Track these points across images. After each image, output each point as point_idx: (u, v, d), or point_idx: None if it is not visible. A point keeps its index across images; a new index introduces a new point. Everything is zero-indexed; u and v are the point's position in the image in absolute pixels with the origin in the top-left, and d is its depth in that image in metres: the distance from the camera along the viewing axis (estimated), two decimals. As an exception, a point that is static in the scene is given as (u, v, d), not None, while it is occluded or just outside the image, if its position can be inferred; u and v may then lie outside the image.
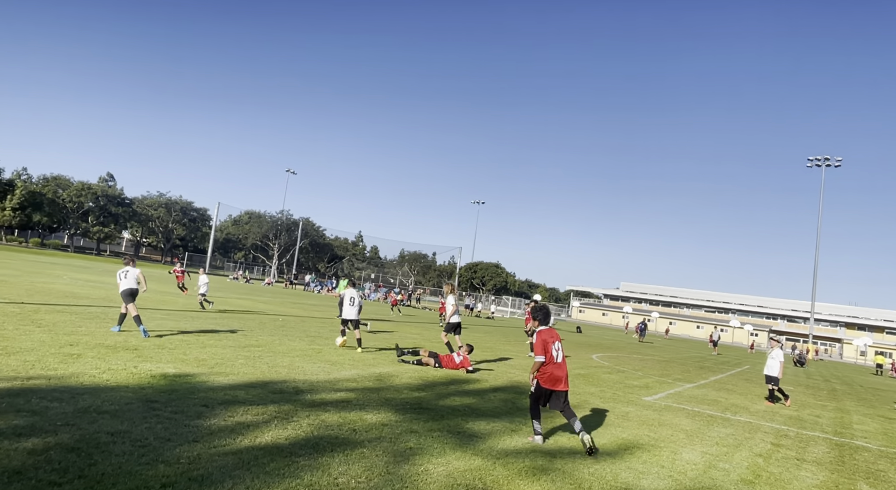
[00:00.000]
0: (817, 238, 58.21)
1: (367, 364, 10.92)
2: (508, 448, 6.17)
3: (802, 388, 20.52)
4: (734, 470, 6.69)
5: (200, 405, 6.13)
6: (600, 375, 14.81)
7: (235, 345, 11.05)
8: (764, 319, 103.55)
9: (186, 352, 9.44)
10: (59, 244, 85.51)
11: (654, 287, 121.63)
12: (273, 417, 6.05)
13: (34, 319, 10.84)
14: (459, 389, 9.62)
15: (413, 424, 6.59)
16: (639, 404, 10.68)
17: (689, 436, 8.32)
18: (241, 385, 7.45)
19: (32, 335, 9.10)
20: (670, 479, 5.92)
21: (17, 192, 73.81)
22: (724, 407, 12.10)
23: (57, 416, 5.11)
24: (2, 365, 6.79)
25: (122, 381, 6.74)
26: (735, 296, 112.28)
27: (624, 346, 33.56)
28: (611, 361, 20.21)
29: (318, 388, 7.98)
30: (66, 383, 6.32)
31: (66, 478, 3.83)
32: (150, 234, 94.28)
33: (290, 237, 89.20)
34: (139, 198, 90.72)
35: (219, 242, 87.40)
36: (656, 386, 14.30)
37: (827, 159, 59.12)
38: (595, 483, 5.37)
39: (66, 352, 8.09)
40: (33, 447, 4.29)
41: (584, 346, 27.05)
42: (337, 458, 5.02)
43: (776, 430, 10.08)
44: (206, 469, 4.32)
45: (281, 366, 9.34)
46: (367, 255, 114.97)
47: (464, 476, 5.02)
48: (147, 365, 7.90)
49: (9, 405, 5.23)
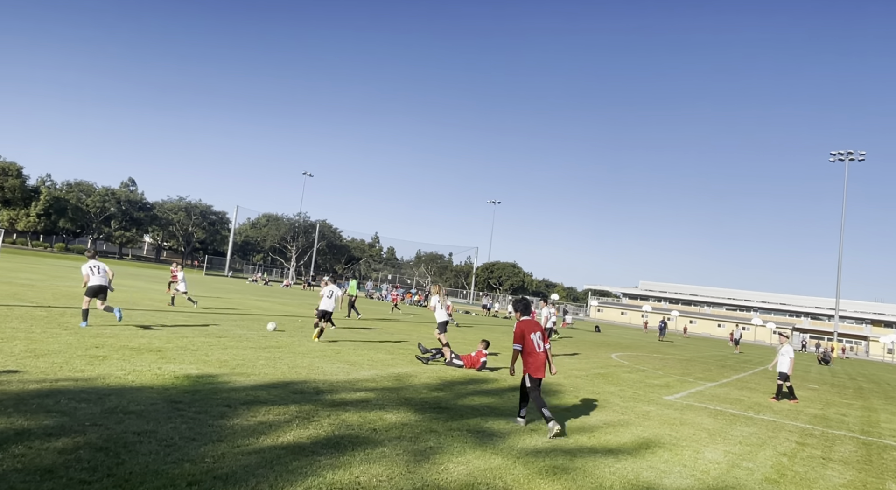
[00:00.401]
0: (841, 233, 57.13)
1: (385, 364, 10.98)
2: (528, 447, 6.16)
3: (828, 386, 20.14)
4: (758, 469, 6.60)
5: (223, 405, 6.22)
6: (620, 374, 14.71)
7: (256, 346, 11.19)
8: (787, 317, 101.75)
9: (208, 353, 9.58)
10: (82, 249, 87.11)
11: (674, 285, 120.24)
12: (294, 417, 6.12)
13: (61, 322, 11.08)
14: (478, 389, 9.63)
15: (433, 424, 6.62)
16: (660, 403, 10.59)
17: (712, 435, 8.23)
18: (262, 385, 7.54)
19: (59, 338, 9.30)
20: (693, 477, 5.86)
21: (41, 199, 75.50)
22: (747, 406, 11.94)
23: (85, 416, 5.23)
24: (31, 367, 6.96)
25: (146, 383, 6.87)
26: (757, 293, 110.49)
27: (644, 344, 33.26)
28: (630, 360, 20.05)
29: (337, 388, 8.05)
30: (93, 384, 6.45)
31: (95, 476, 3.92)
32: (171, 238, 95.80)
33: (307, 239, 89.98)
34: (160, 202, 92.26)
35: (238, 245, 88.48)
36: (677, 385, 14.15)
37: (850, 153, 57.97)
38: (616, 482, 5.34)
39: (93, 354, 8.26)
40: (63, 446, 4.40)
41: (602, 346, 26.86)
42: (358, 456, 5.07)
43: (801, 428, 9.93)
44: (230, 468, 4.39)
45: (301, 366, 9.43)
46: (384, 257, 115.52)
47: (484, 475, 5.02)
48: (171, 366, 8.04)
49: (39, 406, 5.36)
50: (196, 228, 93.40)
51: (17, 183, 73.89)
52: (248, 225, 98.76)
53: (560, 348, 21.53)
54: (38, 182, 79.98)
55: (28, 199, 75.31)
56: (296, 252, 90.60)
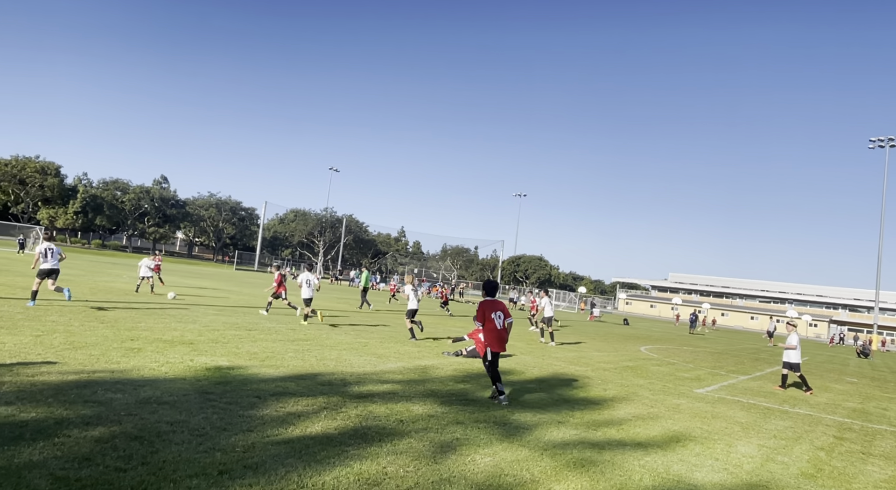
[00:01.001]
0: (881, 222, 55.10)
1: (412, 357, 11.02)
2: (555, 439, 6.12)
3: (867, 380, 19.51)
4: (794, 463, 6.43)
5: (253, 396, 6.32)
6: (649, 367, 14.50)
7: (285, 339, 11.35)
8: (824, 309, 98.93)
9: (239, 346, 9.75)
10: (118, 245, 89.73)
11: (705, 277, 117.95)
12: (322, 408, 6.18)
13: (97, 316, 11.41)
14: (504, 381, 9.58)
15: (459, 415, 6.62)
16: (690, 396, 10.40)
17: (745, 428, 8.04)
18: (291, 377, 7.65)
19: (96, 331, 9.58)
20: (725, 471, 5.74)
21: (79, 197, 77.83)
22: (782, 399, 11.65)
23: (120, 406, 5.38)
24: (70, 358, 7.18)
25: (179, 374, 7.02)
26: (792, 285, 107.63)
27: (673, 337, 32.72)
28: (660, 353, 19.74)
29: (364, 380, 8.12)
30: (128, 376, 6.63)
31: (130, 464, 4.02)
32: (202, 234, 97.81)
33: (334, 234, 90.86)
34: (191, 199, 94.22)
35: (266, 240, 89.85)
36: (708, 378, 13.89)
37: (891, 139, 55.80)
38: (646, 475, 5.26)
39: (128, 346, 8.49)
40: (100, 435, 4.53)
41: (631, 339, 26.52)
42: (385, 447, 5.09)
43: (839, 422, 9.64)
44: (260, 457, 4.46)
45: (329, 359, 9.54)
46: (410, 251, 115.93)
47: (511, 467, 5.00)
48: (202, 358, 8.21)
49: (77, 396, 5.53)
50: (226, 224, 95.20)
51: (55, 182, 76.34)
52: (277, 220, 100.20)
53: (588, 340, 21.33)
54: (75, 180, 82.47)
55: (66, 197, 77.74)
56: (323, 247, 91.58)
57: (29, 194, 75.26)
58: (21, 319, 9.83)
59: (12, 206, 75.42)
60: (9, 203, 75.24)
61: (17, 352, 7.22)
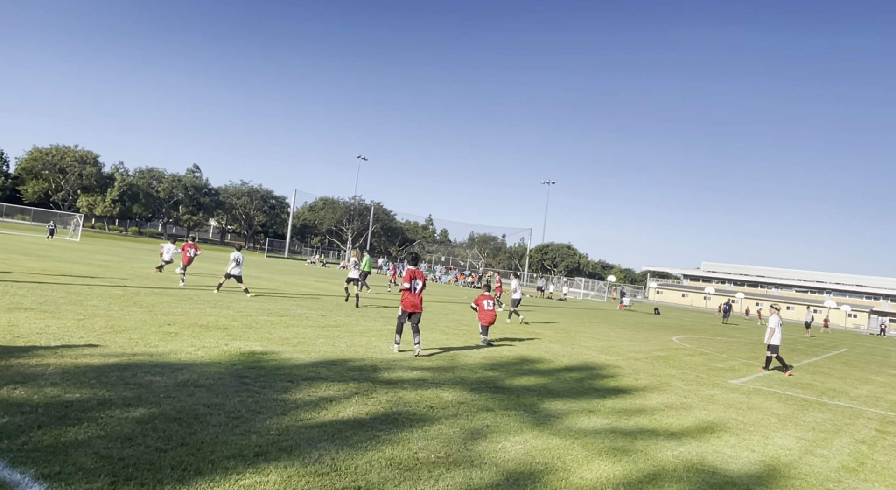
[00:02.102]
0: (927, 210, 52.79)
1: (440, 344, 11.06)
2: (587, 428, 6.07)
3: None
4: (834, 456, 6.26)
5: (286, 381, 6.43)
6: (681, 357, 14.27)
7: (316, 325, 11.51)
8: (864, 299, 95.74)
9: (271, 331, 9.93)
10: (153, 232, 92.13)
11: (739, 266, 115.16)
12: (353, 393, 6.25)
13: (136, 301, 11.75)
14: (532, 369, 9.56)
15: (488, 402, 6.62)
16: (724, 387, 10.20)
17: (782, 420, 7.86)
18: (322, 362, 7.75)
19: (135, 315, 9.87)
20: (762, 463, 5.62)
21: (116, 185, 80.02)
22: (821, 391, 11.34)
23: (160, 388, 5.53)
24: (110, 342, 7.41)
25: (214, 358, 7.19)
26: (830, 275, 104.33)
27: (706, 327, 32.13)
28: (692, 343, 19.41)
29: (394, 366, 8.18)
30: (166, 359, 6.81)
31: (170, 445, 4.14)
32: (234, 222, 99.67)
33: (362, 222, 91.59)
34: (223, 187, 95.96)
35: (296, 228, 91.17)
36: (743, 369, 13.60)
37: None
38: (679, 465, 5.19)
39: (165, 330, 8.72)
40: (141, 416, 4.66)
41: (662, 328, 26.13)
42: (416, 433, 5.13)
43: (881, 416, 9.34)
44: (294, 440, 4.53)
45: (359, 345, 9.64)
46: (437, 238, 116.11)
47: (542, 455, 4.98)
48: (237, 343, 8.38)
49: (118, 378, 5.70)
50: (257, 212, 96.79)
51: (93, 170, 78.62)
52: (306, 208, 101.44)
53: (617, 331, 21.10)
54: (111, 169, 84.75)
55: (104, 185, 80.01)
56: (351, 234, 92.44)
57: (69, 183, 77.71)
58: (64, 303, 10.18)
59: (53, 194, 78.01)
60: (49, 191, 77.84)
61: (60, 335, 7.48)
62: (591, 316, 28.27)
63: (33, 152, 77.31)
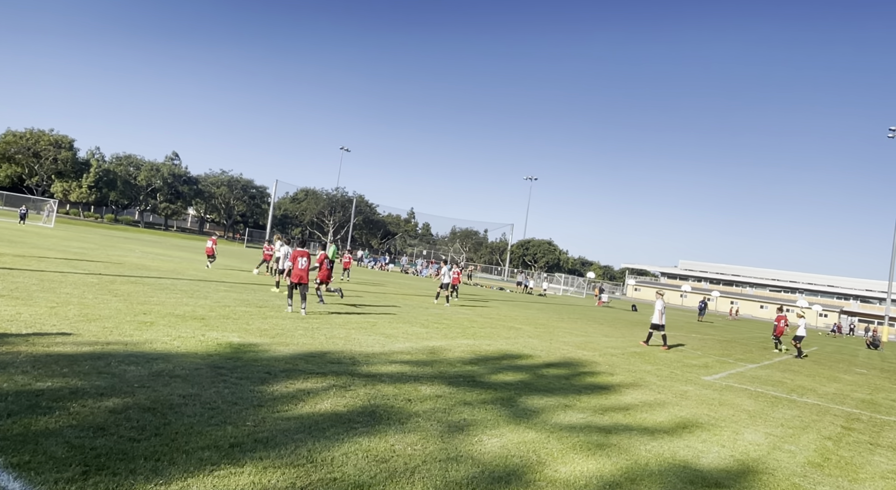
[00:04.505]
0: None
1: (420, 338, 11.08)
2: (563, 423, 6.15)
3: (877, 371, 19.41)
4: (801, 452, 6.43)
5: (264, 372, 6.39)
6: (657, 354, 14.49)
7: (295, 316, 11.44)
8: (834, 300, 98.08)
9: (249, 322, 9.84)
10: (130, 220, 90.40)
11: (715, 265, 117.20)
12: (331, 386, 6.24)
13: (111, 289, 11.54)
14: (512, 364, 9.63)
15: (466, 396, 6.66)
16: (698, 383, 10.40)
17: (752, 416, 8.04)
18: (301, 355, 7.71)
19: (110, 304, 9.70)
20: (732, 458, 5.75)
21: (91, 171, 78.27)
22: (790, 388, 11.62)
23: (134, 378, 5.45)
24: (84, 330, 7.28)
25: (191, 349, 7.11)
26: (803, 275, 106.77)
27: (682, 325, 32.64)
28: (668, 340, 19.69)
29: (373, 359, 8.17)
30: (141, 349, 6.72)
31: (143, 435, 4.09)
32: (213, 211, 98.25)
33: (344, 214, 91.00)
34: (202, 176, 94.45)
35: (277, 219, 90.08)
36: (716, 365, 13.87)
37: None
38: (652, 460, 5.28)
39: (140, 320, 8.59)
40: (114, 406, 4.60)
41: (639, 325, 26.49)
42: (393, 426, 5.14)
43: (847, 413, 9.61)
44: (270, 432, 4.51)
45: (338, 337, 9.61)
46: (419, 232, 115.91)
47: (518, 448, 5.04)
48: (214, 333, 8.29)
49: (91, 367, 5.61)
50: (237, 202, 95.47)
51: (69, 155, 76.70)
52: (288, 199, 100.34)
53: (595, 327, 21.33)
54: (87, 155, 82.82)
55: (79, 171, 78.17)
56: (333, 226, 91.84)
57: (43, 167, 75.80)
58: (36, 291, 9.96)
59: (27, 179, 76.06)
60: (23, 175, 75.85)
61: (32, 322, 7.33)
62: (569, 312, 28.53)
63: (7, 135, 75.13)
